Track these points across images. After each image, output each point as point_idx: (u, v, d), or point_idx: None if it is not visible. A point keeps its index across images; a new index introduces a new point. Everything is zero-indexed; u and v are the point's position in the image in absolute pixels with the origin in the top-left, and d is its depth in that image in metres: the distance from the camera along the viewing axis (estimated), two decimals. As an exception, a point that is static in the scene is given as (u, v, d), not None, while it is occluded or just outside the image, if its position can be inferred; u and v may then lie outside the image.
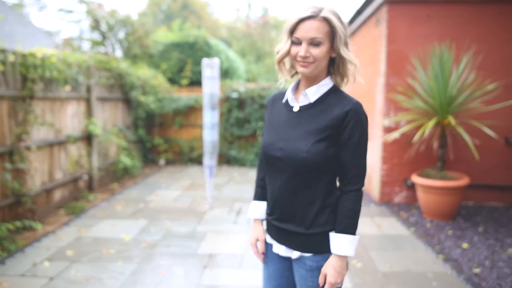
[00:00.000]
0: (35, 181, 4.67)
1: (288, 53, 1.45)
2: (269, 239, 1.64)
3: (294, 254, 1.54)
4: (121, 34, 11.88)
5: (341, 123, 1.41)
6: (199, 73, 10.32)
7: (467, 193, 5.29)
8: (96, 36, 12.75)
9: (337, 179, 1.50)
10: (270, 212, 1.60)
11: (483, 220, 4.77)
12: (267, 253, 1.66)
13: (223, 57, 11.32)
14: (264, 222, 1.69)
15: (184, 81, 10.29)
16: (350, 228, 1.43)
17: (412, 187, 5.42)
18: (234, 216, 4.99)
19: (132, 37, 11.32)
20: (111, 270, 3.38)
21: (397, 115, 5.30)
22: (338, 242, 1.43)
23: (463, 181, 4.67)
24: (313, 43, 1.39)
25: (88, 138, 6.04)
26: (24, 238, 4.10)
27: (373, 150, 5.86)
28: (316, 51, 1.39)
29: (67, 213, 5.03)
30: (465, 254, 3.79)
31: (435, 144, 5.02)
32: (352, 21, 6.84)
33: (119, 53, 12.28)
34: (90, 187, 6.11)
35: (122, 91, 7.44)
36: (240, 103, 8.55)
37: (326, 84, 1.48)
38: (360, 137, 1.42)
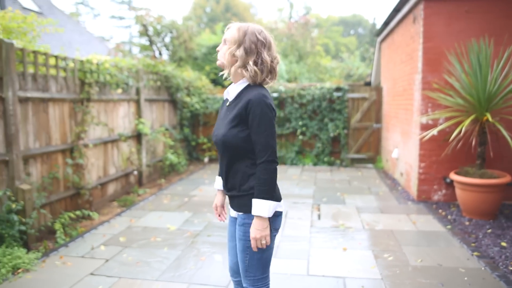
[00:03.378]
0: (92, 175, 5.17)
1: None
2: (229, 206, 2.02)
3: (233, 213, 1.99)
4: (167, 38, 12.47)
5: (245, 110, 1.77)
6: (240, 74, 10.66)
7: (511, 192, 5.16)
8: (144, 41, 13.47)
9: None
10: (223, 184, 1.98)
11: (526, 219, 4.65)
12: (228, 217, 2.08)
13: (264, 58, 11.55)
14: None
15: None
16: (261, 193, 1.75)
17: (451, 185, 5.35)
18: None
19: (177, 41, 11.86)
20: (157, 255, 3.74)
21: (434, 113, 5.27)
22: (254, 205, 1.76)
23: (503, 179, 4.57)
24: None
25: (137, 136, 6.52)
26: (83, 226, 4.59)
27: (410, 148, 5.84)
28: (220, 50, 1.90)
29: (119, 205, 5.51)
30: (503, 252, 3.75)
31: (474, 142, 4.94)
32: (390, 19, 6.82)
33: (165, 56, 12.90)
34: (139, 182, 6.59)
35: (168, 93, 7.91)
36: (280, 102, 8.72)
37: (241, 83, 1.87)
38: (260, 119, 1.74)
